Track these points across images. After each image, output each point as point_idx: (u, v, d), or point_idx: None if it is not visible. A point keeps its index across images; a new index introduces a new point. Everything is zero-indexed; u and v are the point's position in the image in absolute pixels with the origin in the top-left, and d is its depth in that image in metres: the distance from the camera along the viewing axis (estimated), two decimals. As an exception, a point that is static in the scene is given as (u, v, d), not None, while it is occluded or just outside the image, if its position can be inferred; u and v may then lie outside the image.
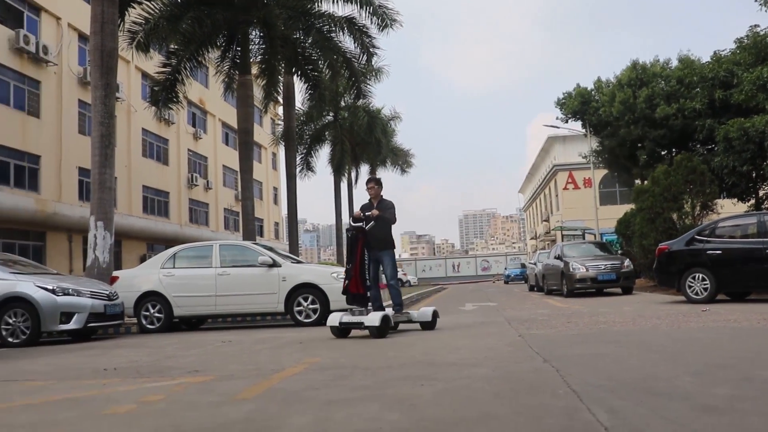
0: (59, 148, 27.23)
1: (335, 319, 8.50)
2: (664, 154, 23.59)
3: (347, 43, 22.19)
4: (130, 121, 32.64)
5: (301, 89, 24.57)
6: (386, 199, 9.18)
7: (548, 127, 33.92)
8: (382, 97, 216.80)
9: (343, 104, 36.93)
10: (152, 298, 12.02)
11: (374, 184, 9.21)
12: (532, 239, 71.15)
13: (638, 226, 18.87)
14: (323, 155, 63.43)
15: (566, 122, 27.88)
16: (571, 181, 49.69)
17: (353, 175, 41.83)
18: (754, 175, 18.64)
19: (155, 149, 36.23)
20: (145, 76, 33.47)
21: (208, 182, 41.68)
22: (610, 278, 16.85)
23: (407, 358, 6.02)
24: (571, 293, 17.23)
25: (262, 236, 46.12)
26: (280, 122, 34.24)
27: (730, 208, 18.76)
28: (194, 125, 40.86)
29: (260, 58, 22.43)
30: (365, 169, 45.07)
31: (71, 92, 28.34)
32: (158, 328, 11.86)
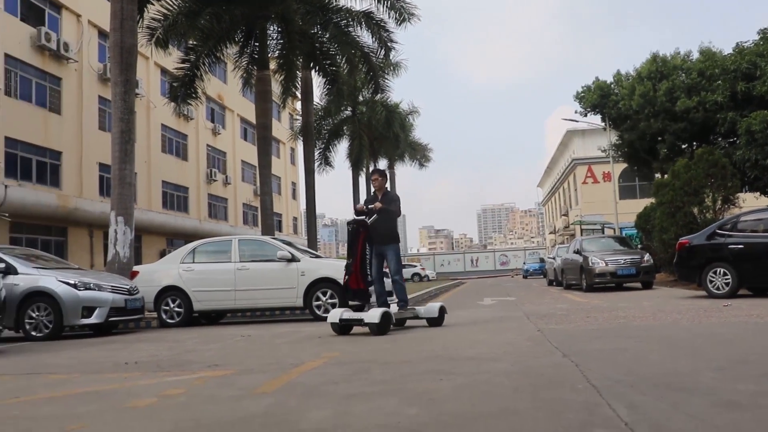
0: (80, 144, 27.50)
1: (336, 315, 8.31)
2: (684, 147, 23.34)
3: (365, 37, 22.16)
4: (149, 116, 32.86)
5: (319, 84, 24.63)
6: (391, 191, 8.90)
7: (567, 120, 33.71)
8: (399, 91, 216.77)
9: (361, 99, 36.86)
10: (172, 292, 12.11)
11: (378, 176, 8.88)
12: (550, 233, 70.77)
13: (658, 220, 18.69)
14: (341, 150, 63.55)
15: (585, 116, 27.69)
16: (590, 175, 49.36)
17: (371, 169, 41.75)
18: (776, 168, 18.39)
19: (174, 145, 36.46)
20: (164, 72, 33.70)
21: (226, 177, 41.85)
22: (629, 273, 16.73)
23: (426, 352, 6.01)
24: (590, 288, 17.14)
25: (280, 231, 46.27)
26: (298, 117, 34.35)
27: (752, 202, 18.56)
28: (213, 121, 41.04)
29: (278, 53, 22.44)
30: (383, 163, 45.10)
31: (91, 89, 28.58)
32: (178, 322, 11.94)
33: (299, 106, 30.89)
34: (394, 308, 8.51)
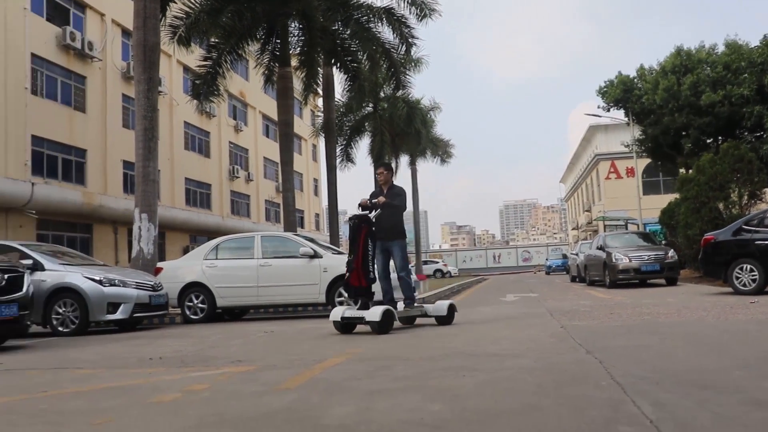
0: (104, 141, 27.79)
1: (337, 313, 8.08)
2: (709, 142, 23.09)
3: (386, 33, 22.12)
4: (172, 114, 33.13)
5: (340, 81, 24.65)
6: (397, 185, 8.70)
7: (590, 116, 33.42)
8: (421, 87, 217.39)
9: (382, 95, 36.83)
10: (196, 288, 12.18)
11: (384, 169, 8.64)
12: (573, 229, 70.31)
13: (683, 215, 18.51)
14: (363, 146, 63.54)
15: (608, 111, 27.49)
16: (613, 170, 48.95)
17: (393, 165, 41.81)
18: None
19: (197, 142, 36.72)
20: (186, 69, 33.90)
21: (249, 174, 42.08)
22: (653, 269, 16.58)
23: (449, 348, 6.00)
24: (613, 284, 17.00)
25: (302, 227, 46.44)
26: (319, 114, 34.36)
27: (779, 197, 18.29)
28: (235, 118, 41.28)
29: (299, 50, 22.47)
30: (405, 159, 45.11)
31: (115, 87, 28.88)
32: (201, 318, 12.02)
33: (321, 102, 30.90)
34: (400, 306, 8.34)
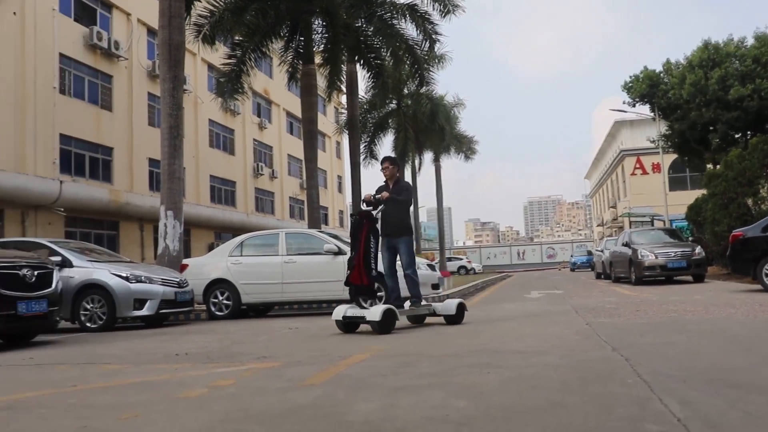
0: (130, 140, 28.09)
1: (339, 312, 7.84)
2: (738, 137, 22.76)
3: (409, 30, 22.09)
4: (197, 112, 33.36)
5: (363, 77, 24.61)
6: (403, 180, 8.54)
7: (615, 111, 33.09)
8: (444, 83, 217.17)
9: (406, 92, 36.73)
10: (221, 285, 12.27)
11: (389, 163, 8.34)
12: (598, 226, 69.72)
13: (710, 212, 18.27)
14: (386, 143, 63.50)
15: (633, 106, 27.21)
16: (639, 166, 48.43)
17: (416, 162, 41.76)
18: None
19: (222, 139, 36.96)
20: (211, 68, 34.16)
21: (273, 171, 42.26)
22: (680, 266, 16.38)
23: (473, 345, 5.99)
24: (639, 281, 16.84)
25: (326, 224, 46.58)
26: (343, 111, 34.46)
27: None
28: (259, 115, 41.47)
29: (323, 47, 22.50)
30: (429, 156, 44.98)
31: (141, 85, 29.18)
32: (226, 314, 12.10)
33: (344, 99, 30.90)
34: (407, 305, 8.21)
